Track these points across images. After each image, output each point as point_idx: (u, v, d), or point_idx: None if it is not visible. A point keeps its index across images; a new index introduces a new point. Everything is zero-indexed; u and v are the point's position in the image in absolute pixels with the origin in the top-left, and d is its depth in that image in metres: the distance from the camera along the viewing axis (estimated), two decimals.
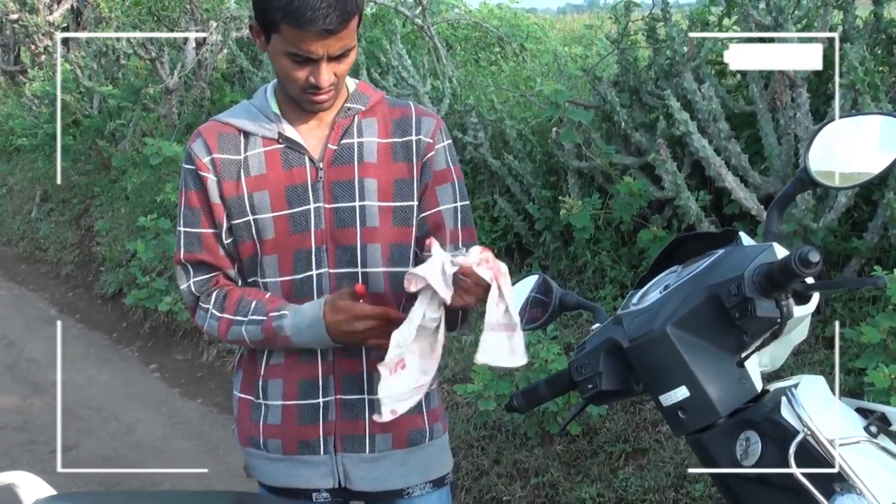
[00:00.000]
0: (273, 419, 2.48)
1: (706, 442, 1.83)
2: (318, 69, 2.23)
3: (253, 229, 2.41)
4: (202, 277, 2.48)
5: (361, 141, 2.42)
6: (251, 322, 2.37)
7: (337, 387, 2.45)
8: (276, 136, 2.40)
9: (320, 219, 2.39)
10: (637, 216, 5.50)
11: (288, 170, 2.40)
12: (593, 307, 2.33)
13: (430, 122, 2.49)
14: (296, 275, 2.41)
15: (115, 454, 5.56)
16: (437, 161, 2.48)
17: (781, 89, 4.64)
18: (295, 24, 2.13)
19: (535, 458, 4.59)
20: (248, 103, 2.48)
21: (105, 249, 8.97)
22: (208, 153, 2.40)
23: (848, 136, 1.90)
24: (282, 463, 2.51)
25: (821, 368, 4.29)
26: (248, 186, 2.40)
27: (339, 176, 2.40)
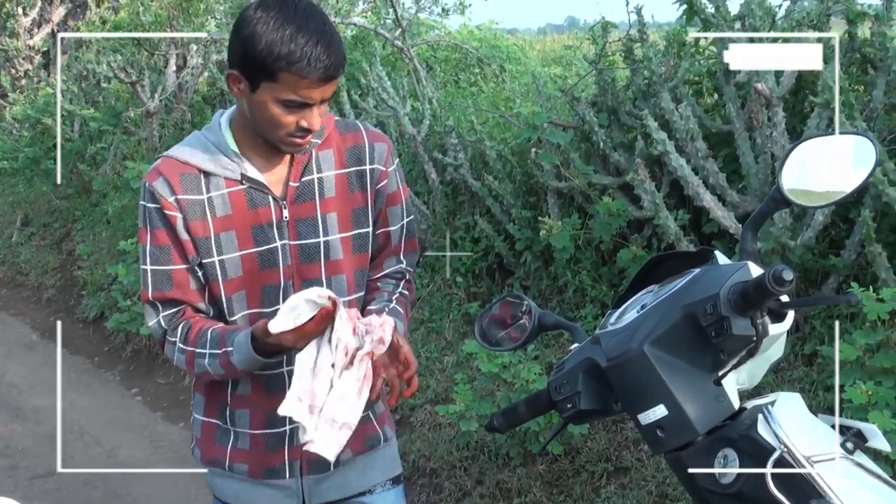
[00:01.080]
0: (242, 444, 2.53)
1: (685, 460, 1.84)
2: (311, 113, 2.26)
3: (218, 269, 2.41)
4: (170, 311, 2.46)
5: (321, 176, 2.46)
6: (211, 356, 2.36)
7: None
8: (239, 177, 2.39)
9: (287, 255, 2.43)
10: (616, 236, 5.52)
11: (253, 209, 2.40)
12: (572, 327, 2.34)
13: (382, 148, 2.53)
14: (264, 308, 2.44)
15: (97, 478, 5.54)
16: (389, 185, 2.55)
17: (758, 108, 4.67)
18: (299, 72, 2.16)
19: (518, 479, 4.59)
20: (205, 138, 2.44)
21: (86, 273, 8.94)
22: (172, 193, 2.37)
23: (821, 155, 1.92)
24: (247, 484, 2.56)
25: (800, 385, 4.31)
26: (214, 227, 2.39)
27: (301, 213, 2.43)
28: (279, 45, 2.15)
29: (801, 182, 1.91)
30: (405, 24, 8.49)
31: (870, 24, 4.79)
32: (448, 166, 6.67)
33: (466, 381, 4.90)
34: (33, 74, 13.88)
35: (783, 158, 1.92)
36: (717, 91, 5.67)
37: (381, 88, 7.30)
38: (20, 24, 13.83)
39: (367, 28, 9.28)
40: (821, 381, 4.26)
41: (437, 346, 6.05)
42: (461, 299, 6.33)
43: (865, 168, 1.87)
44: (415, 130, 6.95)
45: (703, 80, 6.00)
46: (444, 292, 6.46)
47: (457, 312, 6.22)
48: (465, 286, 6.41)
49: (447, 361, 5.81)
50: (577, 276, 5.71)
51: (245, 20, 2.22)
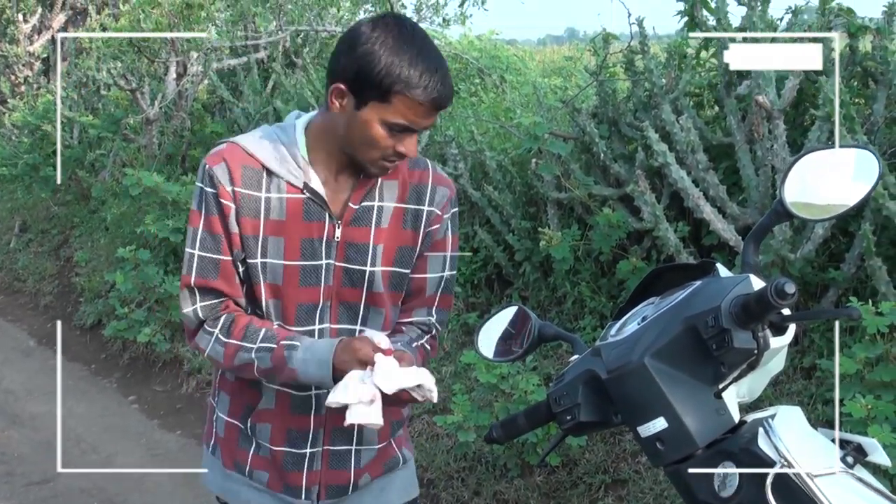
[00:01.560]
0: (264, 453, 2.47)
1: (684, 473, 1.83)
2: (411, 140, 2.23)
3: (260, 271, 2.34)
4: (211, 302, 2.37)
5: (381, 205, 2.39)
6: (261, 349, 2.30)
7: (326, 438, 2.45)
8: (302, 186, 2.32)
9: (329, 275, 2.36)
10: (616, 247, 5.52)
11: (307, 222, 2.33)
12: (572, 338, 2.34)
13: (444, 193, 2.48)
14: (296, 326, 2.37)
15: (93, 486, 5.52)
16: (439, 231, 2.47)
17: (758, 121, 4.67)
18: (416, 97, 2.13)
19: (515, 490, 4.58)
20: (276, 136, 2.37)
21: (84, 280, 8.93)
22: (231, 183, 2.30)
23: (823, 168, 1.92)
24: (264, 494, 2.50)
25: (799, 398, 4.30)
26: (265, 229, 2.32)
27: (354, 237, 2.36)
28: (398, 68, 2.12)
29: (804, 195, 1.91)
30: None
31: (871, 37, 4.80)
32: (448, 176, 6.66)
33: (465, 391, 4.90)
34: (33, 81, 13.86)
35: (786, 171, 1.91)
36: (718, 103, 5.67)
37: None
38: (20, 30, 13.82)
39: None
40: (820, 395, 4.26)
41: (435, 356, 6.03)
42: (460, 309, 6.32)
43: (868, 181, 1.86)
44: None
45: (703, 92, 6.01)
46: None
47: (455, 323, 6.21)
48: (463, 296, 6.40)
49: (445, 372, 5.80)
50: (576, 288, 5.71)
51: (361, 37, 2.17)
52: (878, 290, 4.14)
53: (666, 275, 2.18)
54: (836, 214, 1.96)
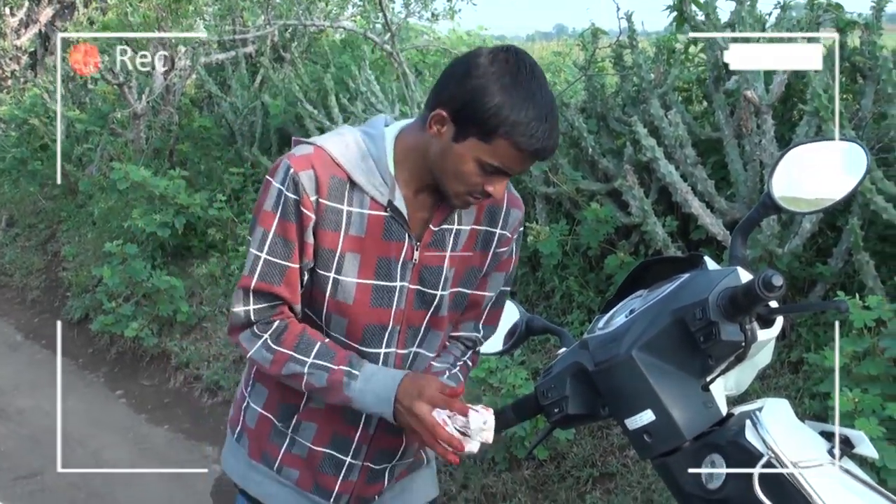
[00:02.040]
0: (299, 451, 2.41)
1: (671, 466, 1.84)
2: (501, 182, 2.13)
3: (330, 285, 2.24)
4: (266, 305, 2.26)
5: (459, 228, 2.29)
6: (316, 366, 2.22)
7: (369, 455, 2.41)
8: (386, 203, 2.20)
9: (402, 298, 2.27)
10: (604, 242, 5.52)
11: (387, 241, 2.22)
12: (560, 331, 2.34)
13: (517, 216, 2.40)
14: (362, 347, 2.28)
15: (80, 480, 5.51)
16: (506, 252, 2.42)
17: (747, 116, 4.67)
18: (519, 144, 2.02)
19: (503, 483, 4.58)
20: (364, 145, 2.23)
21: (71, 275, 8.90)
22: (316, 192, 2.16)
23: (811, 161, 1.92)
24: (290, 491, 2.45)
25: (787, 392, 4.31)
26: (343, 244, 2.21)
27: (430, 261, 2.27)
28: (508, 110, 1.99)
29: (792, 188, 1.91)
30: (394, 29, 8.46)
31: (859, 32, 4.80)
32: None
33: None
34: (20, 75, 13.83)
35: (773, 164, 1.92)
36: (707, 98, 5.67)
37: (370, 92, 7.30)
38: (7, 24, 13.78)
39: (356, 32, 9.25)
40: (807, 389, 4.26)
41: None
42: None
43: (856, 175, 1.87)
44: None
45: (692, 87, 6.01)
46: None
47: None
48: None
49: None
50: (564, 282, 5.71)
51: (476, 68, 2.04)
52: (865, 284, 4.15)
53: (654, 268, 2.18)
54: (823, 207, 1.97)
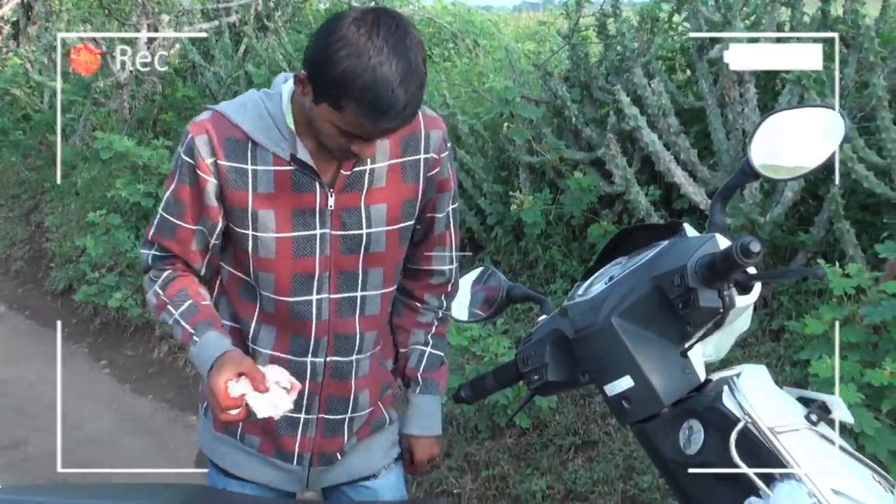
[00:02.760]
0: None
1: (650, 431, 1.85)
2: (367, 146, 2.11)
3: (250, 243, 2.28)
4: (161, 255, 2.37)
5: (373, 167, 2.28)
6: (177, 322, 2.31)
7: (321, 406, 2.43)
8: (289, 158, 2.22)
9: (326, 245, 2.29)
10: (587, 211, 5.52)
11: (297, 193, 2.24)
12: (541, 299, 2.35)
13: (438, 136, 2.36)
14: (292, 297, 2.32)
15: (65, 450, 5.51)
16: (441, 172, 2.40)
17: (730, 85, 4.68)
18: (366, 115, 1.99)
19: (486, 451, 4.60)
20: (262, 105, 2.25)
21: (55, 245, 8.87)
22: (212, 155, 2.22)
23: (790, 128, 1.92)
24: (254, 458, 2.50)
25: (768, 360, 4.33)
26: (253, 202, 2.24)
27: (348, 203, 2.27)
28: (353, 79, 1.95)
29: (770, 155, 1.91)
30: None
31: (842, 1, 4.80)
32: None
33: None
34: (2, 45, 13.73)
35: (753, 131, 1.92)
36: (690, 67, 5.68)
37: None
38: None
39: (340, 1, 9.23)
40: (787, 357, 4.29)
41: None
42: None
43: (834, 141, 1.87)
44: None
45: (675, 56, 6.02)
46: None
47: None
48: None
49: None
50: (547, 251, 5.72)
51: (334, 32, 1.99)
52: (846, 252, 4.17)
53: (634, 235, 2.19)
54: (801, 174, 1.97)
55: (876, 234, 4.35)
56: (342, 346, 2.37)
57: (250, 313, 2.40)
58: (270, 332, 2.38)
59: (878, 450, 3.11)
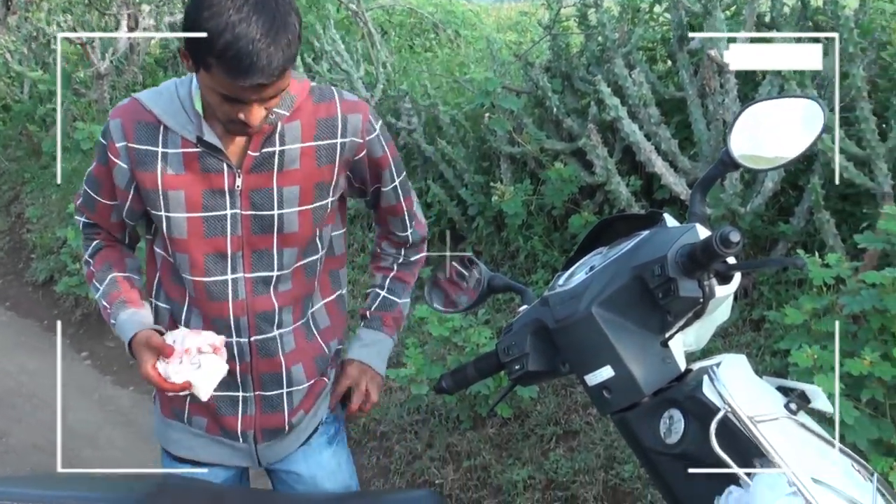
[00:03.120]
0: (197, 399, 2.46)
1: (631, 421, 1.85)
2: (249, 111, 2.13)
3: (164, 224, 2.35)
4: (88, 222, 2.59)
5: (283, 149, 2.32)
6: (101, 294, 2.50)
7: (256, 384, 2.48)
8: (196, 140, 2.29)
9: (237, 225, 2.35)
10: (568, 201, 5.53)
11: (205, 173, 2.31)
12: (522, 289, 2.35)
13: (357, 119, 2.39)
14: (207, 277, 2.38)
15: (46, 442, 5.50)
16: (373, 152, 2.45)
17: (710, 75, 4.69)
18: (229, 75, 2.02)
19: (468, 442, 4.61)
20: (175, 89, 2.34)
21: (36, 236, 8.84)
22: (123, 139, 2.33)
23: (769, 118, 1.93)
24: (204, 440, 2.56)
25: (748, 350, 4.35)
26: (163, 183, 2.31)
27: (257, 184, 2.33)
28: (217, 38, 1.98)
29: (750, 145, 1.92)
30: None
31: None
32: (401, 131, 6.66)
33: (417, 345, 4.91)
34: None
35: (732, 121, 1.92)
36: (671, 58, 5.69)
37: (335, 52, 7.27)
38: None
39: None
40: (768, 346, 4.31)
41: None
42: None
43: (814, 132, 1.87)
44: (368, 94, 6.94)
45: (656, 46, 6.02)
46: None
47: None
48: None
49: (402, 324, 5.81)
50: (528, 242, 5.72)
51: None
52: (826, 242, 4.19)
53: (614, 225, 2.19)
54: (780, 165, 1.97)
55: (856, 224, 4.36)
56: (262, 324, 2.43)
57: (181, 297, 2.46)
58: (199, 316, 2.44)
59: (857, 439, 3.12)
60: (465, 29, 10.97)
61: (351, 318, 3.96)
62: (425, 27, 10.93)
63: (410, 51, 9.99)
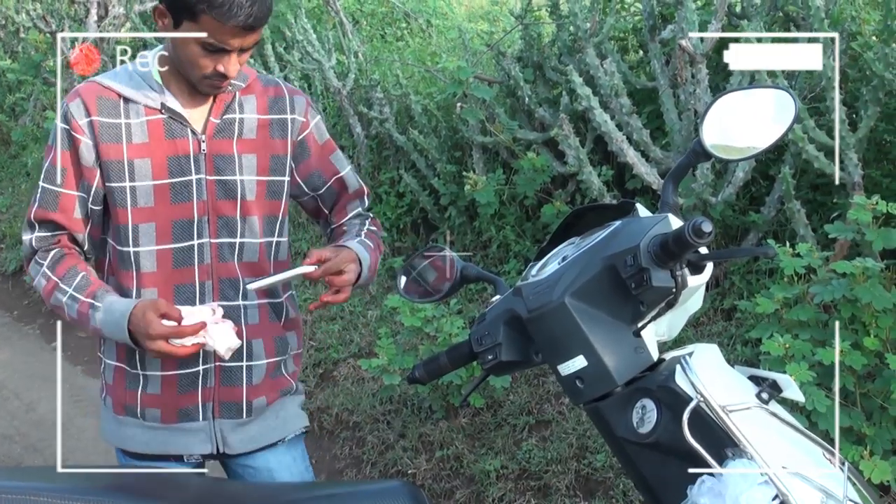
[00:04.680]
0: (153, 389, 2.52)
1: (603, 410, 1.85)
2: (228, 60, 2.29)
3: (128, 195, 2.41)
4: (46, 234, 2.48)
5: (242, 117, 2.50)
6: (72, 297, 2.41)
7: (216, 355, 2.49)
8: (159, 107, 2.42)
9: (202, 190, 2.45)
10: (540, 191, 5.54)
11: (171, 140, 2.42)
12: (494, 279, 2.35)
13: (302, 101, 2.61)
14: (175, 244, 2.45)
15: (15, 432, 5.48)
16: (318, 135, 2.65)
17: (682, 65, 4.70)
18: (219, 17, 2.17)
19: (440, 432, 4.61)
20: (131, 68, 2.47)
21: (5, 226, 8.80)
22: (86, 115, 2.39)
23: (741, 108, 1.93)
24: (159, 431, 2.56)
25: (719, 339, 4.37)
26: (129, 152, 2.40)
27: (219, 149, 2.46)
28: None
29: (722, 135, 1.92)
30: None
31: None
32: (373, 120, 6.65)
33: (390, 335, 4.91)
34: None
35: (704, 111, 1.93)
36: (642, 48, 5.70)
37: (307, 41, 7.24)
38: None
39: None
40: (739, 336, 4.33)
41: (360, 300, 6.05)
42: (385, 254, 6.32)
43: (785, 122, 1.88)
44: (340, 84, 6.92)
45: (628, 36, 6.04)
46: None
47: (382, 267, 6.21)
48: (389, 241, 6.41)
49: (371, 316, 5.81)
50: (501, 232, 5.73)
51: None
52: (797, 232, 4.21)
53: (587, 215, 2.19)
54: (752, 155, 1.97)
55: (826, 214, 4.40)
56: (227, 290, 2.49)
57: (130, 282, 2.47)
58: (152, 293, 2.46)
59: (829, 427, 3.14)
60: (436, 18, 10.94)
61: None
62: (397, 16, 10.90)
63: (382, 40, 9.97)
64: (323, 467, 4.77)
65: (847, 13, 4.74)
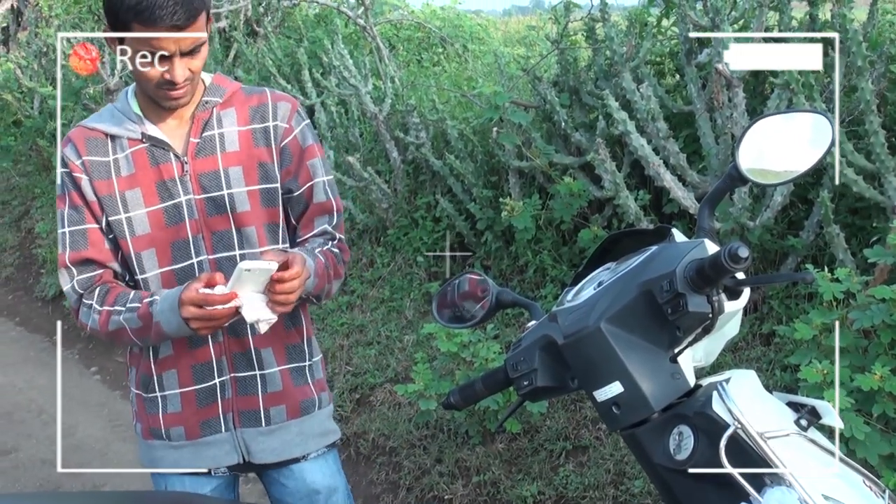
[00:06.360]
0: (173, 408, 2.59)
1: (640, 437, 1.84)
2: (172, 65, 2.32)
3: (125, 227, 2.49)
4: (86, 276, 2.53)
5: (222, 132, 2.54)
6: (129, 310, 2.44)
7: (230, 366, 2.57)
8: (140, 137, 2.49)
9: (192, 209, 2.50)
10: (577, 216, 5.53)
11: (155, 166, 2.49)
12: (530, 304, 2.34)
13: (286, 107, 2.61)
14: (175, 264, 2.51)
15: (55, 456, 5.50)
16: (301, 141, 2.62)
17: (718, 89, 4.68)
18: (144, 21, 2.20)
19: (477, 457, 4.60)
20: (112, 107, 2.55)
21: (46, 251, 8.87)
22: (78, 156, 2.49)
23: (778, 132, 1.92)
24: (186, 449, 2.61)
25: (757, 364, 4.34)
26: (119, 185, 2.49)
27: (203, 167, 2.51)
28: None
29: (758, 160, 1.91)
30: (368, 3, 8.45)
31: (830, 5, 4.81)
32: (410, 145, 6.66)
33: (426, 360, 4.90)
34: None
35: (741, 135, 1.92)
36: (679, 71, 5.68)
37: (343, 67, 7.27)
38: None
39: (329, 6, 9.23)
40: (778, 361, 4.29)
41: (397, 325, 6.05)
42: (422, 279, 6.33)
43: (822, 146, 1.87)
44: (377, 109, 6.94)
45: (664, 60, 6.02)
46: (405, 272, 6.47)
47: (417, 292, 6.22)
48: (425, 266, 6.41)
49: (407, 341, 5.81)
50: (537, 256, 5.72)
51: None
52: (836, 257, 4.18)
53: (623, 240, 2.18)
54: (789, 179, 1.96)
55: (865, 238, 4.36)
56: None
57: None
58: None
59: (868, 454, 3.11)
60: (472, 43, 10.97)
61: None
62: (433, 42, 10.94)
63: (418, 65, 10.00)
64: (359, 492, 4.76)
65: (886, 35, 4.72)
